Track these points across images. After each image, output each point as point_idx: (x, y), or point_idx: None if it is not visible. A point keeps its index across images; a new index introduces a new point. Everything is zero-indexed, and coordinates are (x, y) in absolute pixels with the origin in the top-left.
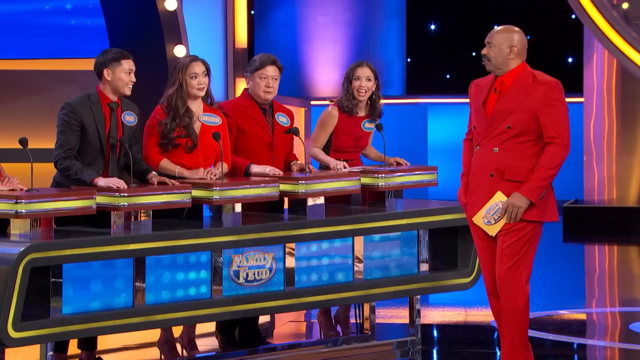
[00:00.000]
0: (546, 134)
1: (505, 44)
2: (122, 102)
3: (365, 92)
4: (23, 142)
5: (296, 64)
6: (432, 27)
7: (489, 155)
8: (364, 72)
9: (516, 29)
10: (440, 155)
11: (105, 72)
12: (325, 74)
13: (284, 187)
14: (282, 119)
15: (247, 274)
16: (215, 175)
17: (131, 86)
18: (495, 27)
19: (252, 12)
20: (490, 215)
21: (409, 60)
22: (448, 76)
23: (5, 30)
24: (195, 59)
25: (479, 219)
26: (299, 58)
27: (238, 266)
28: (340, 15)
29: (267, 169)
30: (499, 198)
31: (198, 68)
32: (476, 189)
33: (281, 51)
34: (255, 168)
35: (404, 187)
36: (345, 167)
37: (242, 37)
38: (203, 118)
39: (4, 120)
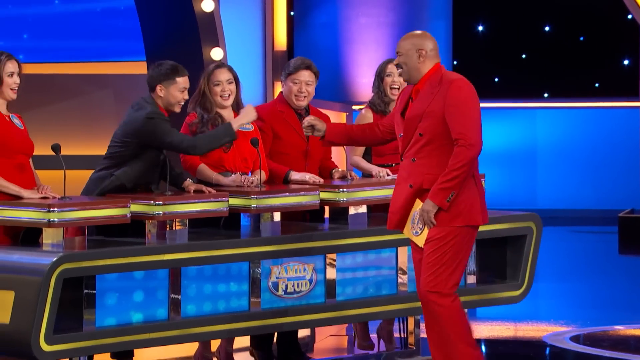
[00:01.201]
0: (452, 135)
1: (413, 50)
2: None
3: (398, 88)
4: (55, 148)
5: (337, 67)
6: (480, 28)
7: (408, 165)
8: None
9: (420, 32)
10: (489, 163)
11: (158, 88)
12: (367, 77)
13: (324, 195)
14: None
15: (287, 286)
16: (252, 183)
17: (182, 104)
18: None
19: (292, 13)
20: (415, 225)
21: (455, 63)
22: (497, 79)
23: (36, 33)
24: (220, 65)
25: (408, 230)
26: (340, 61)
27: (277, 277)
28: (384, 16)
29: (307, 177)
30: (418, 206)
31: (222, 75)
32: (396, 199)
33: (322, 53)
34: (294, 175)
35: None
36: (388, 175)
37: (281, 39)
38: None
39: (35, 126)
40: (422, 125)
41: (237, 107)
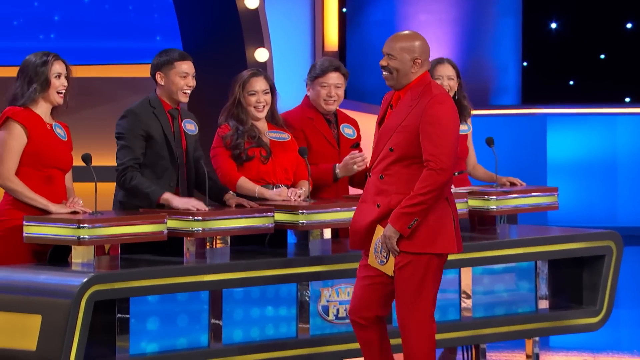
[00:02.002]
0: (423, 156)
1: (408, 56)
2: (180, 111)
3: (448, 92)
4: (86, 159)
5: None
6: (553, 25)
7: (375, 183)
8: (446, 70)
9: (420, 37)
10: (562, 175)
11: (157, 76)
12: None
13: None
14: (348, 130)
15: (338, 310)
16: (300, 196)
17: (188, 92)
18: (396, 35)
19: (344, 9)
20: (380, 254)
21: (525, 64)
22: (571, 82)
23: (63, 32)
24: (256, 73)
25: (373, 260)
26: None
27: (327, 301)
28: (446, 12)
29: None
30: (380, 232)
31: (258, 85)
32: (360, 218)
33: (377, 54)
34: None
35: (519, 211)
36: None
37: (332, 38)
38: (270, 135)
39: None
40: (394, 140)
41: (272, 118)
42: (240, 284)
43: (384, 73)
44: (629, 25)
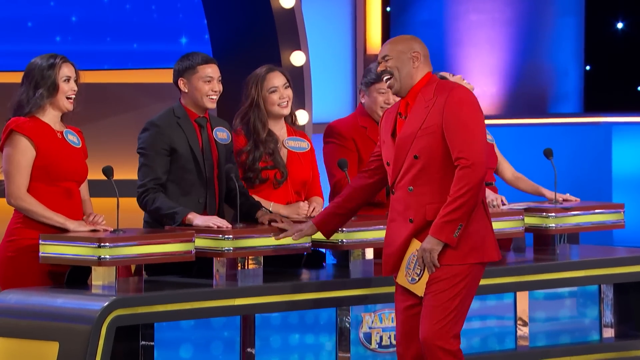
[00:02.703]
0: (452, 155)
1: (406, 53)
2: (210, 118)
3: None
4: (108, 171)
5: None
6: (619, 25)
7: (404, 197)
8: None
9: (413, 37)
10: (629, 190)
11: (180, 82)
12: (480, 85)
13: None
14: None
15: (381, 338)
16: (314, 211)
17: (214, 97)
18: (389, 40)
19: (388, 9)
20: (412, 271)
21: (588, 68)
22: None
23: (83, 35)
24: (272, 69)
25: (403, 278)
26: (446, 66)
27: (370, 327)
28: (500, 12)
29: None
30: (415, 247)
31: (277, 79)
32: (393, 239)
33: None
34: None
35: (580, 230)
36: (503, 203)
37: (375, 40)
38: (289, 143)
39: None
40: (417, 146)
41: (290, 118)
42: (275, 308)
43: (385, 79)
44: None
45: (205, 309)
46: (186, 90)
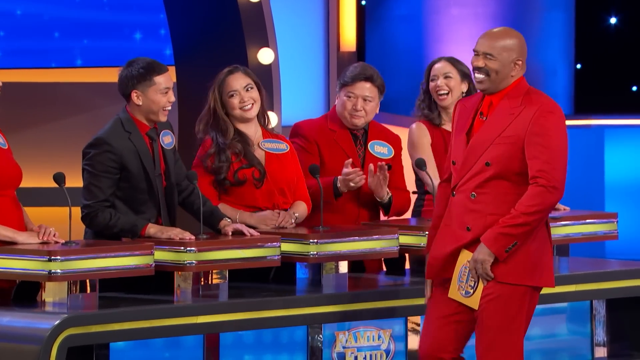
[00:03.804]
0: (530, 172)
1: (509, 57)
2: (158, 126)
3: (448, 93)
4: (59, 178)
5: (421, 73)
6: (612, 20)
7: (465, 203)
8: (441, 68)
9: (521, 37)
10: (623, 198)
11: (133, 94)
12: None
13: (405, 239)
14: (380, 148)
15: (356, 358)
16: (292, 223)
17: (169, 109)
18: (494, 32)
19: (363, 2)
20: (465, 284)
21: (578, 66)
22: (634, 88)
23: (28, 31)
24: (232, 71)
25: (456, 292)
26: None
27: (344, 347)
28: (483, 6)
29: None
30: (465, 258)
31: (236, 82)
32: (442, 244)
33: (401, 54)
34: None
35: (571, 241)
36: None
37: (349, 36)
38: (265, 145)
39: (32, 150)
40: (492, 153)
41: (263, 119)
42: (241, 326)
43: (477, 75)
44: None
45: (165, 328)
46: (139, 103)
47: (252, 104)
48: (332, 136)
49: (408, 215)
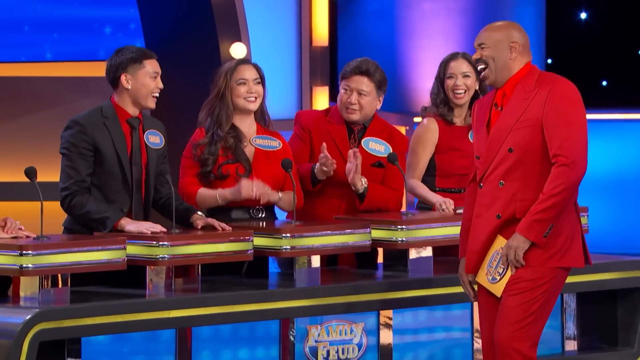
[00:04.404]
0: (550, 151)
1: (504, 42)
2: (143, 119)
3: (465, 92)
4: (30, 173)
5: (394, 68)
6: (583, 15)
7: (493, 191)
8: (459, 66)
9: (514, 24)
10: (593, 192)
11: (123, 78)
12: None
13: (377, 233)
14: (375, 145)
15: (329, 352)
16: (266, 198)
17: (157, 95)
18: (488, 25)
19: None
20: (494, 270)
21: (549, 61)
22: (604, 83)
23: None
24: (244, 61)
25: (483, 277)
26: (397, 59)
27: (316, 341)
28: (454, 1)
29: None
30: (499, 244)
31: (248, 73)
32: (478, 235)
33: (374, 50)
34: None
35: None
36: (452, 208)
37: (321, 32)
38: (257, 141)
39: (2, 144)
40: (513, 139)
41: (262, 117)
42: (213, 321)
43: (480, 67)
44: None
45: (138, 322)
46: (128, 87)
47: (256, 97)
48: (327, 128)
49: None
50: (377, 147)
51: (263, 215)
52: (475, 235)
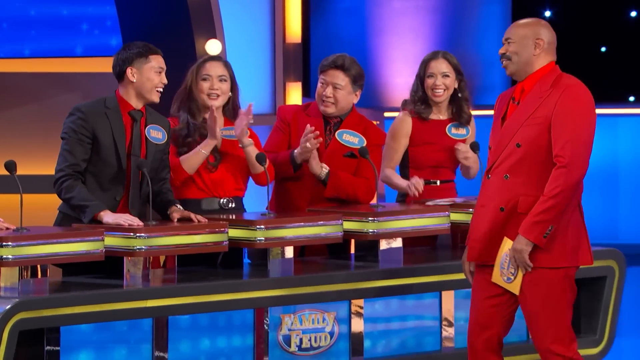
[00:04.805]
0: (553, 151)
1: (530, 38)
2: (147, 113)
3: (445, 90)
4: (10, 166)
5: (365, 64)
6: (547, 13)
7: (499, 183)
8: (439, 66)
9: (542, 21)
10: None
11: (128, 71)
12: (403, 76)
13: (349, 225)
14: (348, 137)
15: (301, 340)
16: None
17: (161, 90)
18: (516, 21)
19: None
20: (507, 270)
21: None
22: None
23: None
24: (213, 58)
25: (499, 278)
26: (368, 56)
27: (289, 329)
28: None
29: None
30: (507, 246)
31: (213, 70)
32: (478, 225)
33: (346, 47)
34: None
35: None
36: (420, 190)
37: (294, 28)
38: (224, 132)
39: None
40: (522, 134)
41: (232, 113)
42: (189, 310)
43: (503, 61)
44: (633, 14)
45: (115, 311)
46: (134, 80)
47: (219, 95)
48: (305, 121)
49: None
50: (351, 139)
51: (233, 206)
52: (477, 224)
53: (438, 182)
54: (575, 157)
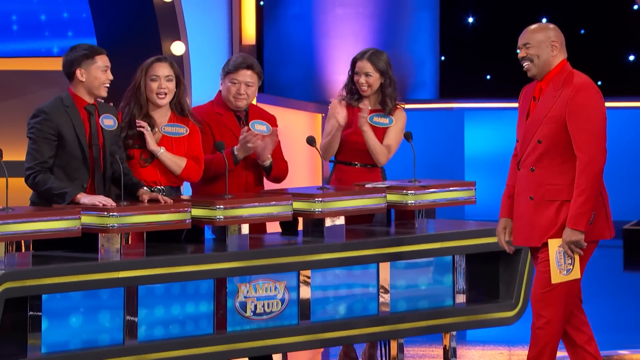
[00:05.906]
0: (573, 146)
1: (546, 41)
2: (98, 105)
3: (370, 87)
4: None
5: (312, 63)
6: (470, 19)
7: (527, 176)
8: (363, 66)
9: (551, 25)
10: (479, 169)
11: (77, 72)
12: (345, 74)
13: (298, 205)
14: (259, 127)
15: (256, 306)
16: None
17: (108, 86)
18: (529, 27)
19: (262, 2)
20: (564, 265)
21: (442, 58)
22: (488, 77)
23: None
24: (161, 59)
25: (557, 276)
26: (314, 56)
27: (245, 297)
28: (362, 6)
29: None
30: (555, 245)
31: (161, 70)
32: (521, 215)
33: (294, 48)
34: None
35: (436, 206)
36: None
37: (249, 32)
38: (165, 129)
39: None
40: (542, 132)
41: (180, 109)
42: (156, 280)
43: (525, 65)
44: (544, 20)
45: (92, 281)
46: (83, 80)
47: (166, 94)
48: (219, 119)
49: None
50: (261, 127)
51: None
52: (520, 213)
53: (358, 164)
54: (592, 151)
